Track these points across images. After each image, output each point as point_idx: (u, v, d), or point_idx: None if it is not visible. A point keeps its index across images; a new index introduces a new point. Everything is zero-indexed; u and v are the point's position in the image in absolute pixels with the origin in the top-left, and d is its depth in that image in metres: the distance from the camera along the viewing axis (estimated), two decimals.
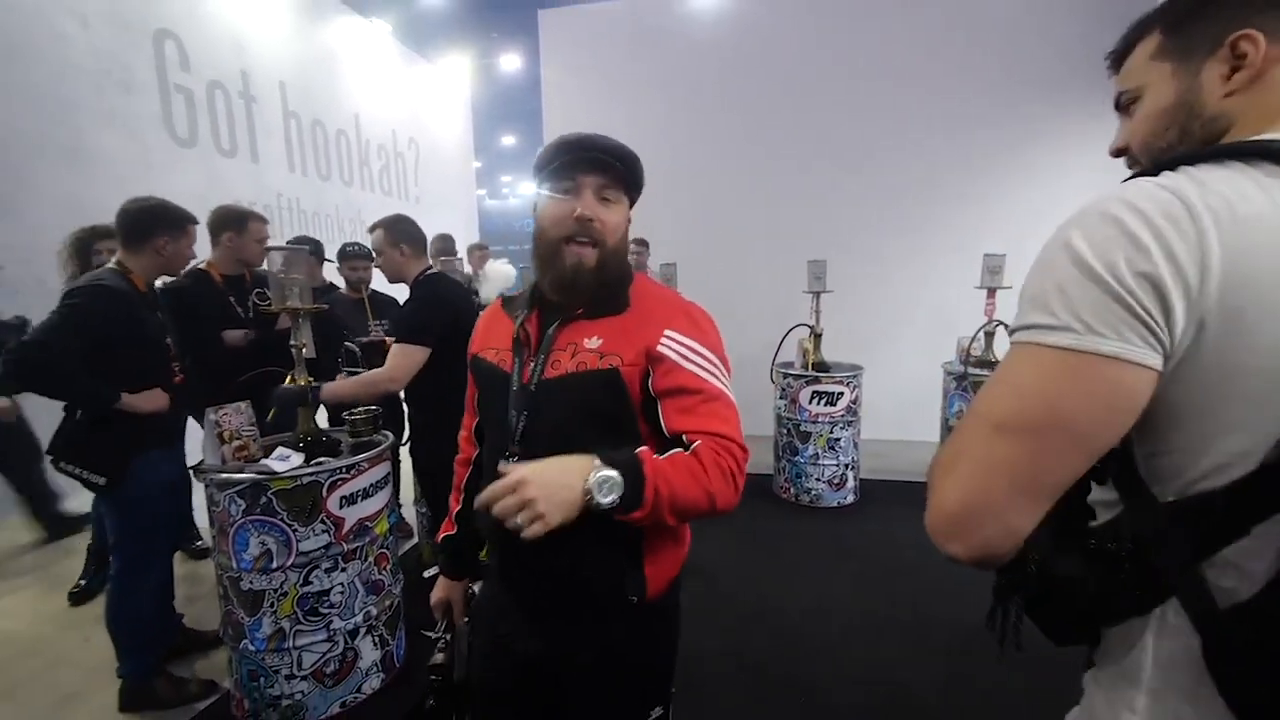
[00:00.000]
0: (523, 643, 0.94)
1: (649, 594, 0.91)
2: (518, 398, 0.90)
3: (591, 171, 0.87)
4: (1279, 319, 0.42)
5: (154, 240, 1.88)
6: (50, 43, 3.83)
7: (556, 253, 0.88)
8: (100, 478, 1.70)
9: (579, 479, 0.74)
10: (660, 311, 0.91)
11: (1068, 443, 0.46)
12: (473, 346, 1.03)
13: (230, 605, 1.80)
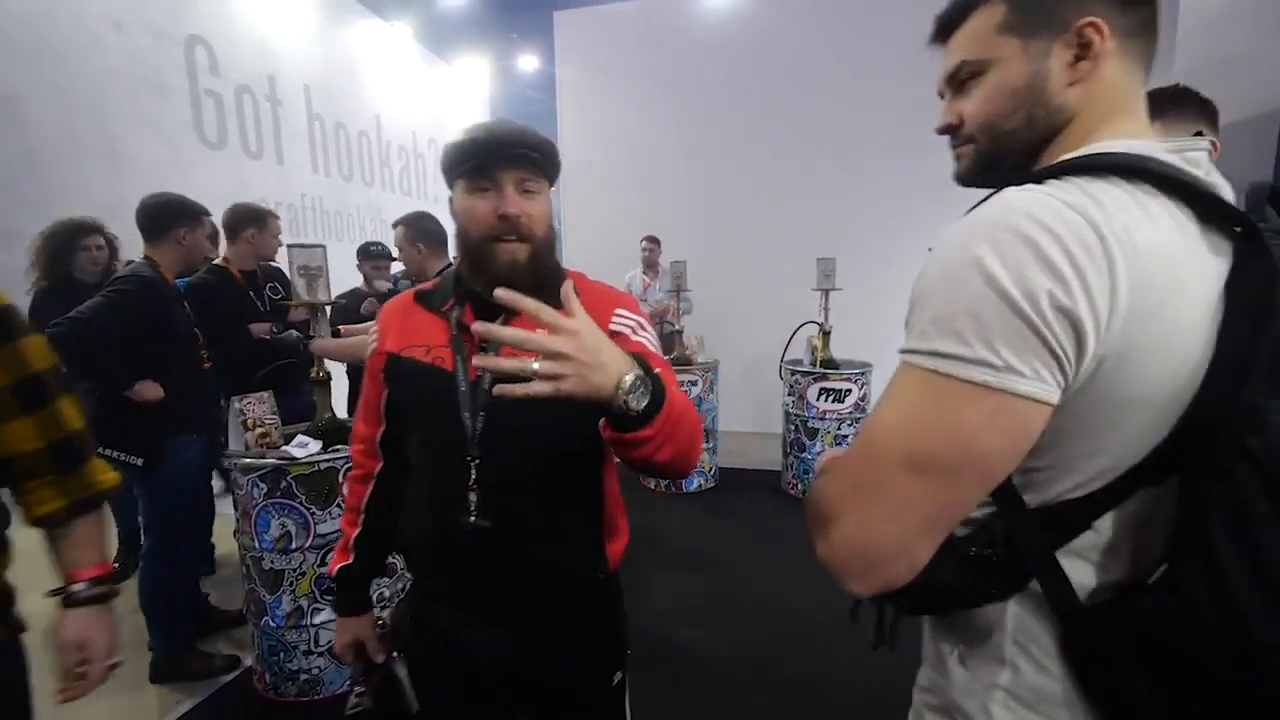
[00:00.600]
0: (494, 650, 0.91)
1: (611, 570, 0.94)
2: (469, 397, 0.86)
3: (510, 167, 0.83)
4: (1160, 352, 0.44)
5: (174, 231, 1.99)
6: (88, 49, 4.01)
7: (486, 253, 0.84)
8: (138, 459, 1.82)
9: (618, 371, 0.62)
10: (604, 295, 0.92)
11: (979, 481, 0.47)
12: (385, 344, 0.93)
13: (252, 584, 1.90)
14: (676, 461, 0.72)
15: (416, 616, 0.99)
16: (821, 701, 1.90)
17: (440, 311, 0.91)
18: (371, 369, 0.96)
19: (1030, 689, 0.51)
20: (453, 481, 0.85)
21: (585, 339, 0.60)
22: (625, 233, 5.01)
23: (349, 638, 1.00)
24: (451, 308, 0.90)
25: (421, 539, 0.92)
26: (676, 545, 3.08)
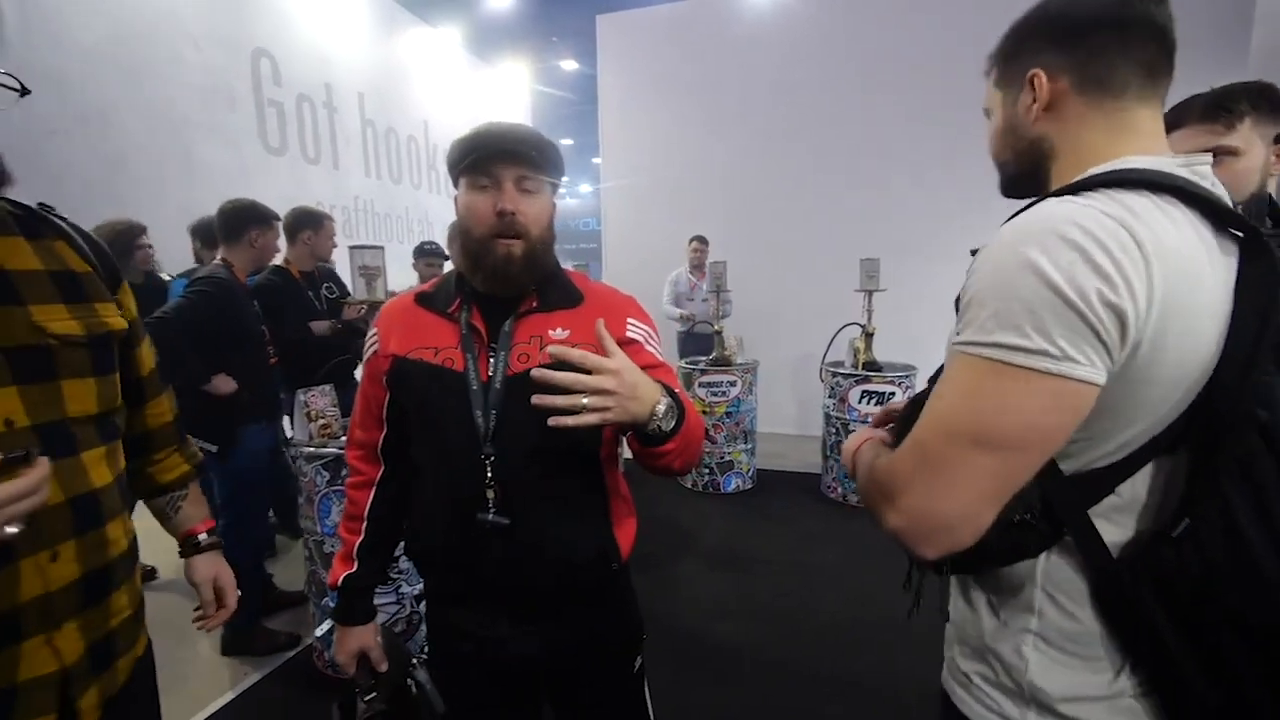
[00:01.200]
0: (517, 645, 0.92)
1: (624, 559, 0.96)
2: (480, 396, 0.87)
3: (509, 164, 0.84)
4: (1185, 338, 0.50)
5: (247, 234, 2.14)
6: (169, 65, 4.30)
7: (486, 249, 0.85)
8: (213, 446, 1.96)
9: (653, 400, 0.73)
10: (614, 301, 0.94)
11: (1039, 454, 0.53)
12: (388, 346, 0.93)
13: (315, 565, 2.03)
14: (687, 466, 0.84)
15: (434, 620, 1.00)
16: (851, 703, 1.89)
17: (446, 313, 0.91)
18: (373, 372, 0.95)
19: (1058, 631, 0.58)
20: (468, 480, 0.86)
21: (625, 376, 0.70)
22: (665, 233, 5.05)
23: (354, 647, 0.97)
24: (458, 309, 0.90)
25: (438, 540, 0.91)
26: (711, 544, 3.09)
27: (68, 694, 0.68)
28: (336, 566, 0.99)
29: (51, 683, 0.67)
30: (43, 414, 0.67)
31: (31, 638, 0.65)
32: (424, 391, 0.89)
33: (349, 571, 0.98)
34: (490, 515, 0.85)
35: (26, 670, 0.65)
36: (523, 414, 0.82)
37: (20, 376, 0.66)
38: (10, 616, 0.63)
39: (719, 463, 3.77)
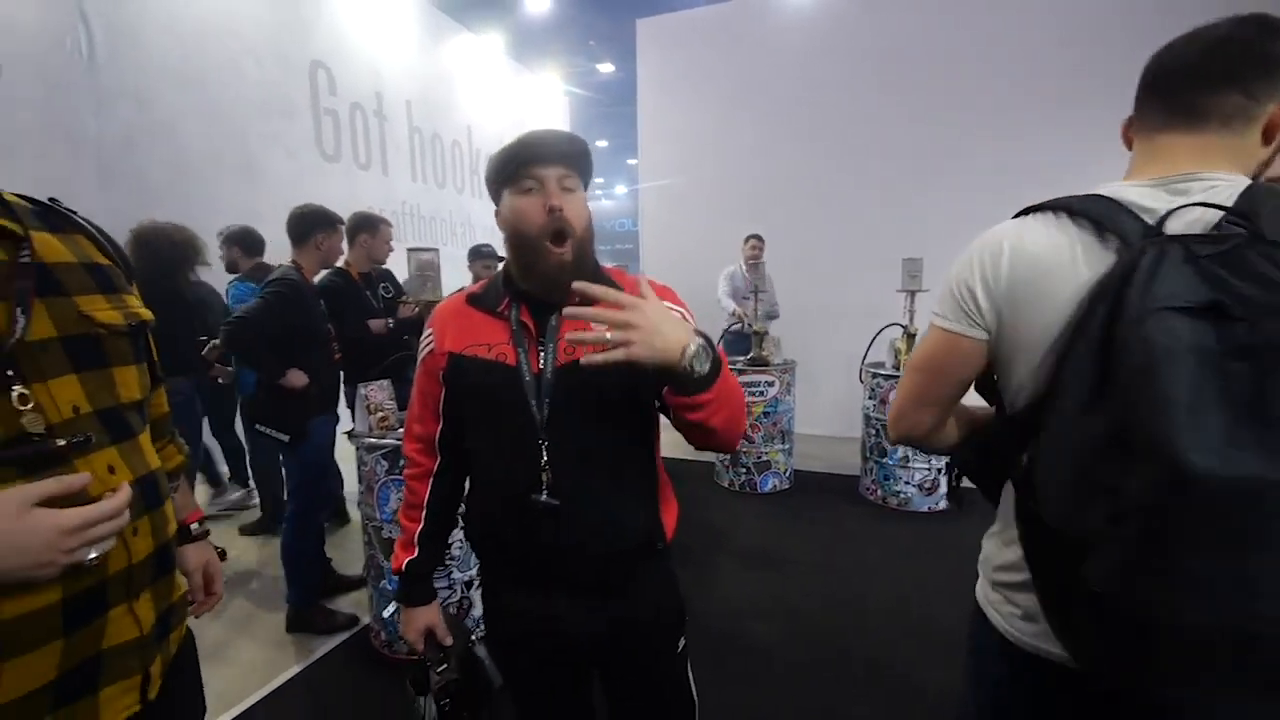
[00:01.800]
0: (568, 623, 0.97)
1: (668, 539, 1.00)
2: (534, 387, 0.92)
3: (550, 165, 0.89)
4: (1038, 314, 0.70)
5: (314, 237, 2.28)
6: (230, 76, 4.55)
7: (540, 254, 0.89)
8: (285, 435, 2.10)
9: (683, 339, 0.74)
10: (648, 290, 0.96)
11: (939, 376, 0.81)
12: (444, 345, 0.98)
13: (373, 550, 2.14)
14: (728, 429, 0.85)
15: (490, 600, 1.05)
16: (878, 704, 1.89)
17: (496, 312, 0.96)
18: (429, 369, 1.00)
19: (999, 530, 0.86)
20: (525, 466, 0.90)
21: (648, 311, 0.74)
22: (702, 233, 5.07)
23: (421, 624, 1.04)
24: (508, 308, 0.95)
25: (495, 524, 0.97)
26: (747, 543, 3.11)
27: (144, 661, 0.71)
28: (399, 553, 1.04)
29: (134, 648, 0.69)
30: (101, 400, 0.69)
31: (116, 606, 0.67)
32: (480, 385, 0.95)
33: (411, 557, 1.03)
34: (543, 497, 0.89)
35: (113, 636, 0.67)
36: (574, 401, 0.91)
37: (78, 365, 0.67)
38: (98, 590, 0.65)
39: (756, 462, 3.78)
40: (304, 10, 5.17)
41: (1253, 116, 0.69)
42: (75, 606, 0.62)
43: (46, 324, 0.65)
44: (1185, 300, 0.56)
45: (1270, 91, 0.68)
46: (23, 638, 0.59)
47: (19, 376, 0.61)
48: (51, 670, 0.61)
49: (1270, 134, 0.70)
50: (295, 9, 5.08)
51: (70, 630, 0.62)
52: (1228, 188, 0.66)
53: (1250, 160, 0.71)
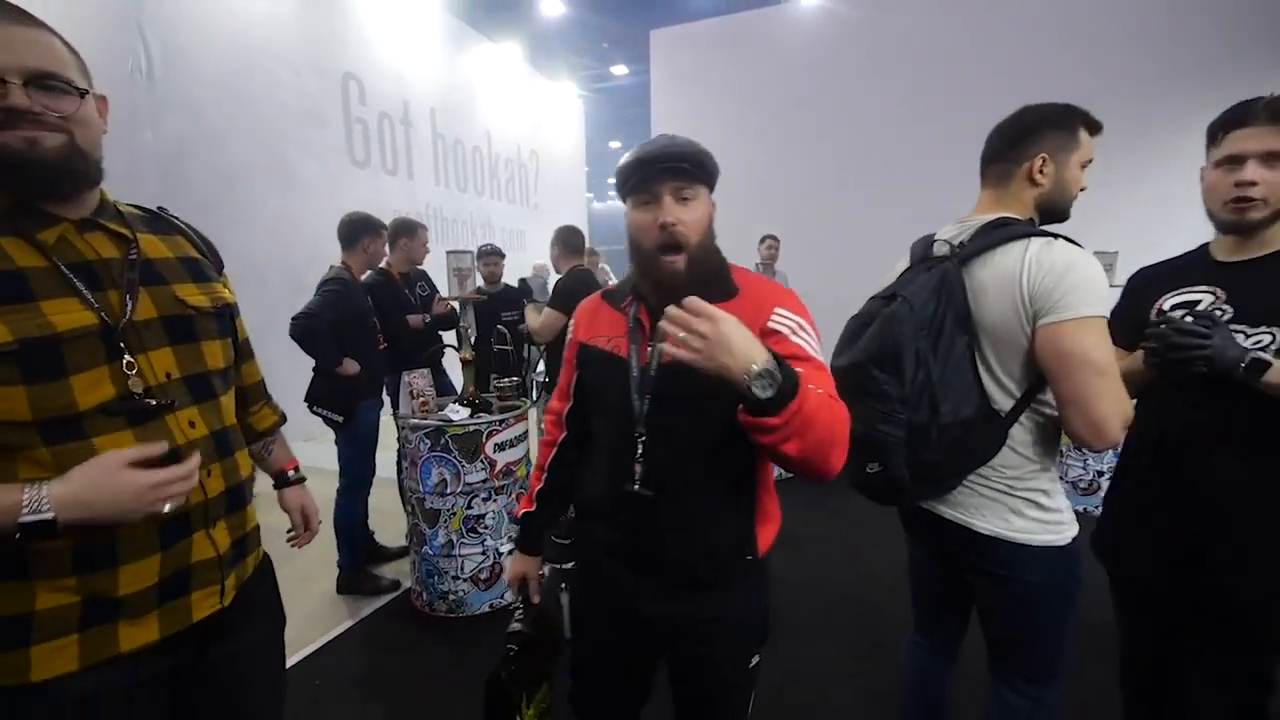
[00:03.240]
0: (646, 605, 1.00)
1: (760, 553, 1.02)
2: (639, 382, 0.96)
3: (666, 179, 0.93)
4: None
5: (361, 241, 2.54)
6: (272, 90, 4.86)
7: (654, 263, 0.95)
8: (340, 416, 2.37)
9: (750, 359, 0.73)
10: (768, 293, 0.99)
11: None
12: (578, 334, 1.08)
13: (416, 519, 2.40)
14: (806, 458, 0.79)
15: (585, 561, 1.13)
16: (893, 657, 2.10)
17: (620, 308, 1.04)
18: (568, 356, 1.12)
19: None
20: (624, 454, 0.95)
21: (720, 326, 0.74)
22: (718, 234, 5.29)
23: (519, 570, 1.17)
24: (629, 305, 1.03)
25: (594, 500, 1.05)
26: None
27: (223, 575, 0.89)
28: (523, 504, 1.19)
29: (213, 564, 0.87)
30: (191, 368, 0.86)
31: (197, 532, 0.85)
32: (598, 373, 1.03)
33: (528, 509, 1.17)
34: (636, 487, 0.94)
35: (197, 554, 0.85)
36: (673, 400, 0.94)
37: (173, 339, 0.84)
38: (183, 517, 0.83)
39: None
40: (337, 25, 5.48)
41: (1014, 173, 1.13)
42: (167, 530, 0.81)
43: (149, 306, 0.82)
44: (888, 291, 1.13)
45: (1022, 155, 1.12)
46: (133, 549, 0.78)
47: (127, 349, 0.78)
48: (154, 575, 0.80)
49: (1032, 176, 1.12)
50: (329, 23, 5.39)
51: (165, 546, 0.81)
52: (975, 225, 1.13)
53: (1024, 196, 1.14)
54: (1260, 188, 1.05)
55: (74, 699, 0.76)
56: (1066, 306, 0.97)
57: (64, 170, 0.75)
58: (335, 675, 2.08)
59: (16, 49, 0.72)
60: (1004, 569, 1.10)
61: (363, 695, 1.99)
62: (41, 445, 0.72)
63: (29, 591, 0.74)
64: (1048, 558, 1.07)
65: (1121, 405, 0.97)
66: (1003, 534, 1.08)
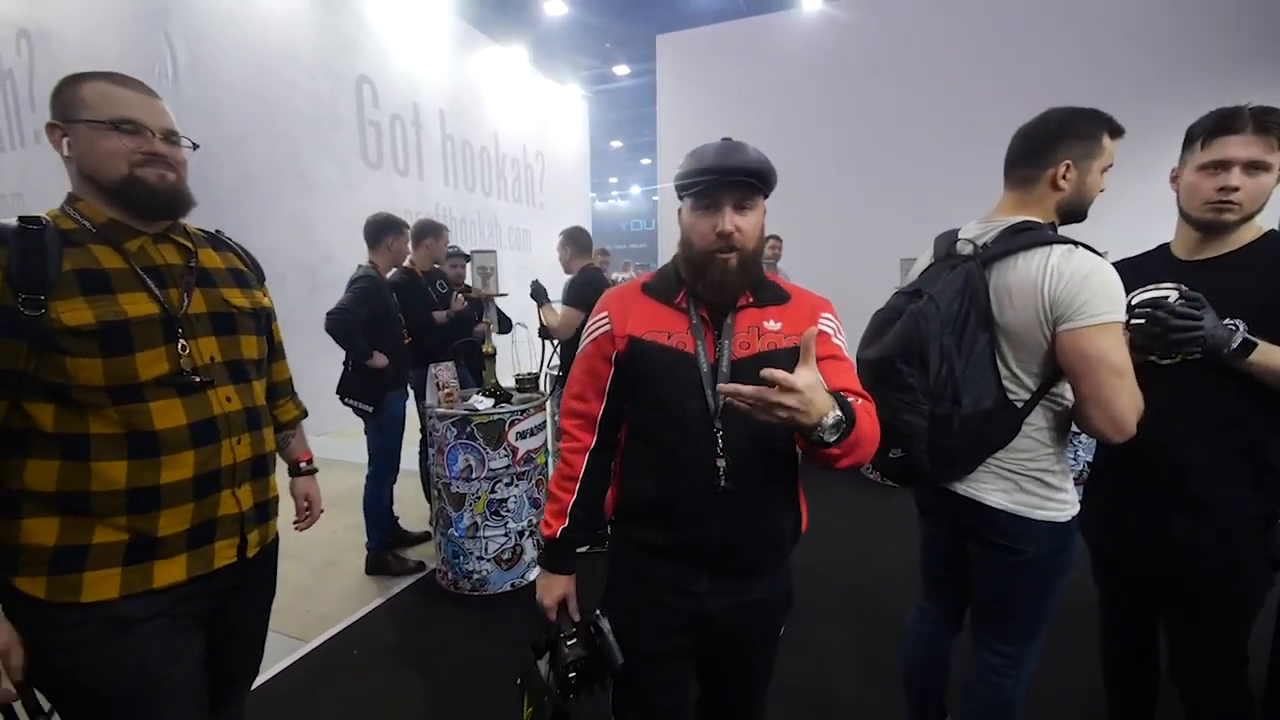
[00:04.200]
0: (716, 601, 1.02)
1: (804, 529, 1.08)
2: (710, 378, 0.97)
3: (731, 190, 0.94)
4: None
5: (385, 240, 2.69)
6: (289, 93, 5.00)
7: (708, 262, 0.97)
8: (369, 407, 2.52)
9: (821, 413, 0.79)
10: (813, 301, 1.07)
11: None
12: (624, 328, 1.03)
13: (442, 503, 2.55)
14: (855, 464, 0.90)
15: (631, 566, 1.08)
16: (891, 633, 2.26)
17: (674, 304, 1.03)
18: (601, 350, 1.05)
19: None
20: (701, 450, 0.96)
21: (806, 395, 0.77)
22: None
23: (559, 593, 1.09)
24: (685, 301, 1.02)
25: (658, 501, 1.01)
26: None
27: (243, 530, 1.05)
28: (551, 521, 1.09)
29: (236, 520, 1.04)
30: (230, 354, 1.05)
31: (224, 490, 1.02)
32: (659, 369, 1.00)
33: (564, 525, 1.08)
34: (722, 482, 0.95)
35: (224, 509, 1.01)
36: None
37: (217, 330, 1.04)
38: (214, 475, 0.99)
39: None
40: (351, 29, 5.62)
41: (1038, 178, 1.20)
42: (199, 483, 0.97)
43: (201, 303, 1.02)
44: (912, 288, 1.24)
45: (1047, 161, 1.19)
46: (171, 497, 0.95)
47: (182, 334, 0.98)
48: (187, 521, 0.97)
49: (1055, 182, 1.19)
50: (344, 28, 5.53)
51: (197, 498, 0.97)
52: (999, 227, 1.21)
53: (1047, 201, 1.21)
54: (1241, 193, 1.16)
55: (113, 621, 0.91)
56: (1087, 313, 1.05)
57: (176, 200, 1.00)
58: (371, 645, 2.24)
59: (158, 114, 0.98)
60: (1006, 539, 1.20)
61: (397, 662, 2.14)
62: (110, 406, 0.90)
63: (89, 527, 0.91)
64: (1047, 532, 1.18)
65: (1136, 401, 1.06)
66: (1009, 507, 1.18)
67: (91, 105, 0.93)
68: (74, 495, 0.90)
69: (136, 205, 0.96)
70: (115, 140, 0.93)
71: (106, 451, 0.90)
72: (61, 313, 0.87)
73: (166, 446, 0.94)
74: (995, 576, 1.26)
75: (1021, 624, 1.26)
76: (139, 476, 0.92)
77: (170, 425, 0.95)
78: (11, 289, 0.85)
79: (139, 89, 0.98)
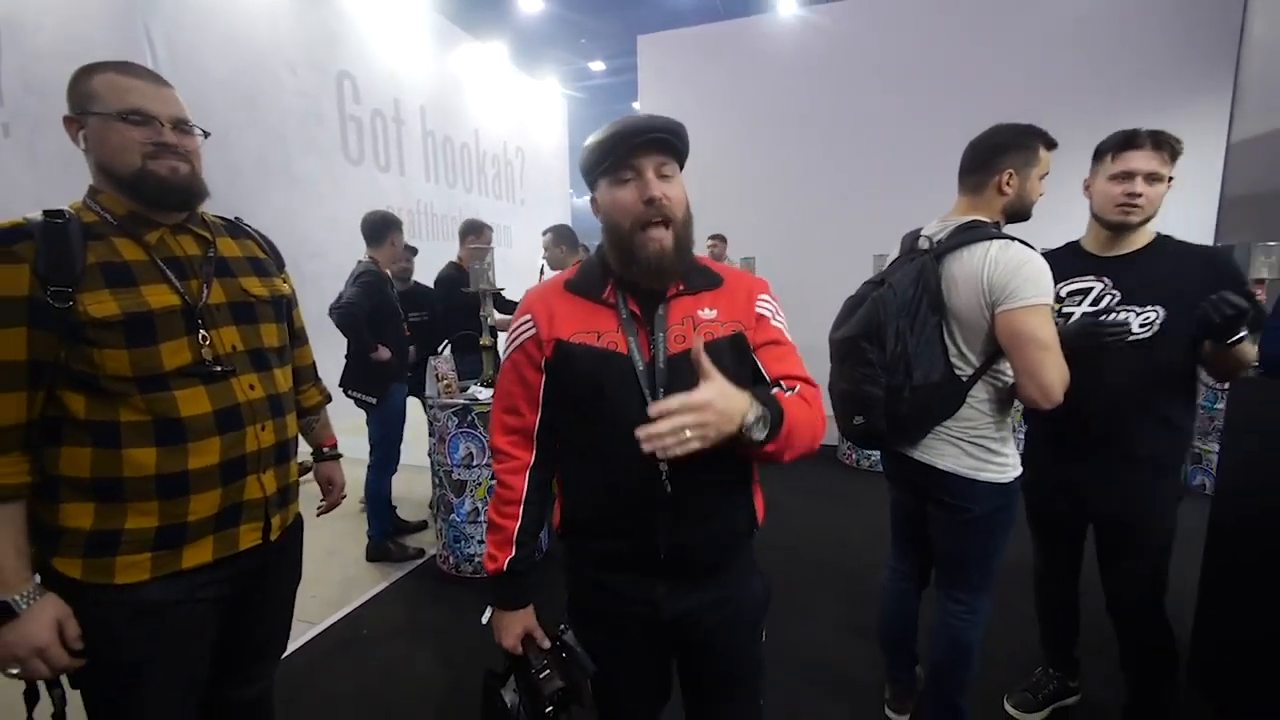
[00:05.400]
0: (673, 606, 0.97)
1: (759, 523, 1.03)
2: (647, 376, 0.90)
3: (649, 152, 0.87)
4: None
5: (387, 237, 2.77)
6: (272, 89, 4.98)
7: (634, 243, 0.89)
8: (372, 398, 2.61)
9: (740, 414, 0.77)
10: (746, 281, 1.00)
11: None
12: (549, 331, 0.94)
13: (444, 490, 2.66)
14: (799, 457, 0.88)
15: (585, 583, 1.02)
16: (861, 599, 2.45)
17: (601, 299, 0.94)
18: (529, 357, 0.96)
19: None
20: (640, 454, 0.81)
21: (716, 403, 0.75)
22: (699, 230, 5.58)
23: (520, 630, 1.00)
24: (613, 295, 0.94)
25: (609, 510, 0.95)
26: None
27: (267, 513, 1.07)
28: (495, 553, 0.99)
29: (260, 504, 1.06)
30: (251, 343, 1.06)
31: (250, 475, 1.03)
32: (592, 373, 0.92)
33: (511, 556, 0.98)
34: (667, 487, 0.90)
35: (249, 494, 1.03)
36: (684, 390, 0.85)
37: (237, 320, 1.04)
38: (240, 461, 1.01)
39: None
40: (332, 25, 5.61)
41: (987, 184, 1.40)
42: (226, 469, 1.00)
43: (220, 293, 1.03)
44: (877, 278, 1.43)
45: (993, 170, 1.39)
46: (200, 482, 0.97)
47: (202, 325, 0.99)
48: (215, 506, 0.99)
49: (1000, 187, 1.39)
50: (325, 24, 5.52)
51: (224, 483, 1.00)
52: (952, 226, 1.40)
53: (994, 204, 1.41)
54: (1143, 198, 1.40)
55: (144, 602, 0.96)
56: (1019, 296, 1.22)
57: (189, 191, 1.00)
58: (380, 625, 2.34)
59: (167, 102, 0.97)
60: (956, 499, 1.38)
61: (407, 639, 2.25)
62: (137, 394, 0.93)
63: (123, 512, 0.93)
64: (991, 492, 1.36)
65: (1062, 372, 1.22)
66: (956, 470, 1.37)
67: (101, 97, 0.93)
68: (107, 481, 0.92)
69: (149, 198, 0.97)
70: (125, 132, 0.93)
71: (136, 439, 0.93)
72: (88, 305, 0.89)
73: (193, 433, 0.96)
74: (949, 533, 1.46)
75: (975, 574, 1.46)
76: (168, 463, 0.94)
77: (196, 413, 0.96)
78: (40, 283, 0.87)
79: (148, 78, 0.97)
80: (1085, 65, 4.50)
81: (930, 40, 4.92)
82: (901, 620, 1.70)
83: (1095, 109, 4.30)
